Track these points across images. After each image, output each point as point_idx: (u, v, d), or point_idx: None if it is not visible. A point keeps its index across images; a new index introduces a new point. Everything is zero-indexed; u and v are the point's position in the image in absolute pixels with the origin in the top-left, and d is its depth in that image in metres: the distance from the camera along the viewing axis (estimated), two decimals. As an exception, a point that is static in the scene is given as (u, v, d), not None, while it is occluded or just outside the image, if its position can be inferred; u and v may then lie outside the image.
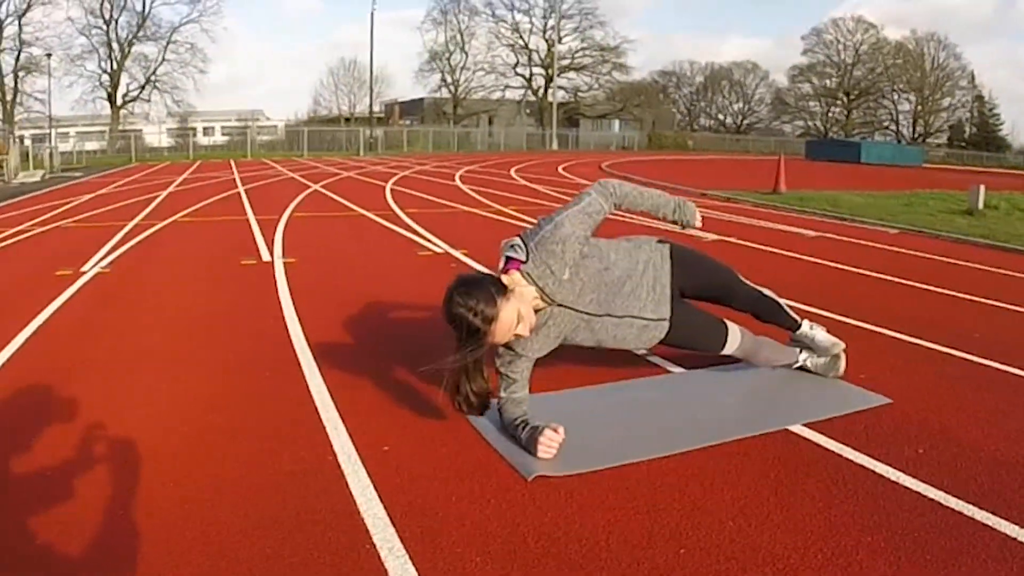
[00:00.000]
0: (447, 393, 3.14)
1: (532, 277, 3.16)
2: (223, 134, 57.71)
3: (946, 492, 2.79)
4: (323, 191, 17.53)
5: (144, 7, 57.84)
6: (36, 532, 2.54)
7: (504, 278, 3.10)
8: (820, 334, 3.95)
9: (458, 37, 66.77)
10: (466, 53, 66.92)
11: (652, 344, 3.62)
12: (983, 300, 6.08)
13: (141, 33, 57.98)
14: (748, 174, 21.82)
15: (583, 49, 67.40)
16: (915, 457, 3.10)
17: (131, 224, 11.62)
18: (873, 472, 2.98)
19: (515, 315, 3.06)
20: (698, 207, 3.59)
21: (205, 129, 59.04)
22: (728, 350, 3.75)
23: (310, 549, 2.44)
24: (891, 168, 30.58)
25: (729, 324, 3.74)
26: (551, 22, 64.86)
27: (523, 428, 3.20)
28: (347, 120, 60.83)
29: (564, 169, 26.68)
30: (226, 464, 3.07)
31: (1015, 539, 2.48)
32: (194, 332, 5.21)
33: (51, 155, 33.47)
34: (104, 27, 56.56)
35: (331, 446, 3.25)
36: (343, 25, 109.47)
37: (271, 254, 8.49)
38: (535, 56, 67.44)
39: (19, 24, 52.65)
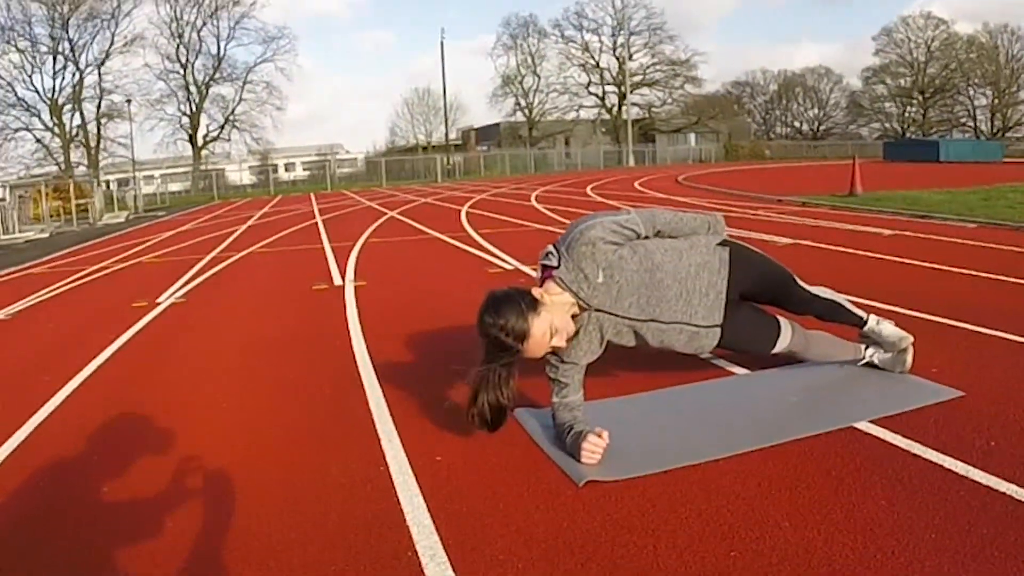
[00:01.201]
0: (465, 405, 3.09)
1: (565, 283, 3.10)
2: (304, 169, 59.01)
3: (1019, 485, 2.63)
4: (399, 217, 17.69)
5: (219, 50, 59.72)
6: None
7: (535, 291, 3.05)
8: (887, 328, 3.79)
9: (529, 60, 67.30)
10: (538, 76, 67.37)
11: (706, 351, 3.50)
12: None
13: (217, 75, 59.84)
14: (825, 179, 21.32)
15: (654, 64, 67.15)
16: (987, 450, 2.93)
17: (208, 257, 11.96)
18: (941, 467, 2.82)
19: (548, 328, 3.00)
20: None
21: (287, 165, 60.48)
22: (780, 348, 3.63)
23: (352, 556, 2.44)
24: (971, 165, 29.61)
25: (781, 320, 3.63)
26: (620, 39, 64.89)
27: (569, 433, 3.14)
28: (424, 149, 61.47)
29: (640, 184, 26.49)
30: (276, 474, 3.13)
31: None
32: (260, 352, 5.35)
33: (135, 197, 34.53)
34: (181, 71, 58.55)
35: (384, 457, 3.25)
36: (417, 56, 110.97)
37: (343, 278, 8.60)
38: (607, 74, 67.50)
39: (99, 73, 54.88)
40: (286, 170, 60.18)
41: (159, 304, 7.64)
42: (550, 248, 3.20)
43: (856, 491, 2.69)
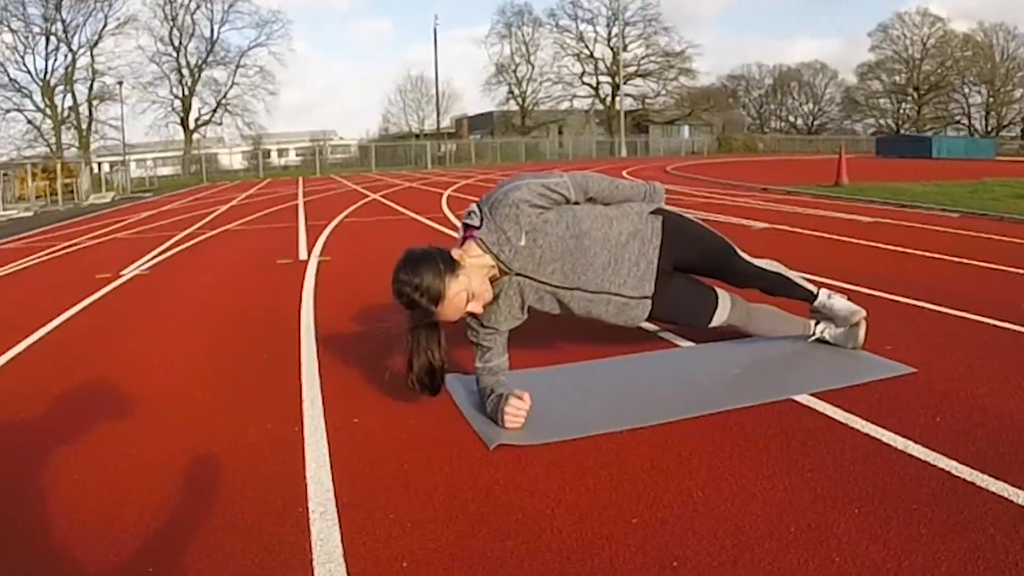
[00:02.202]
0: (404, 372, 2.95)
1: (487, 244, 2.93)
2: (297, 155, 58.75)
3: (959, 462, 2.46)
4: (381, 199, 17.56)
5: (212, 33, 59.44)
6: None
7: (454, 252, 2.88)
8: (839, 302, 3.63)
9: (523, 49, 66.91)
10: (532, 65, 67.01)
11: (636, 323, 3.32)
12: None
13: (210, 58, 59.62)
14: (814, 171, 21.19)
15: (648, 55, 66.84)
16: (931, 425, 2.77)
17: (183, 234, 11.88)
18: (879, 441, 2.66)
19: (464, 292, 2.83)
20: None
21: (280, 151, 60.21)
22: (719, 321, 3.47)
23: (241, 513, 2.36)
24: (963, 161, 29.45)
25: (719, 292, 3.46)
26: (615, 30, 64.51)
27: (491, 396, 2.99)
28: (416, 136, 61.25)
29: (628, 173, 26.28)
30: (195, 436, 3.06)
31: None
32: (208, 322, 5.31)
33: (123, 178, 34.37)
34: (174, 54, 58.27)
35: (302, 420, 3.16)
36: (414, 45, 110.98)
37: (309, 254, 8.49)
38: (601, 64, 67.14)
39: (91, 55, 54.60)
40: (279, 155, 60.01)
41: (122, 276, 7.60)
42: (473, 207, 3.03)
43: (781, 463, 2.54)
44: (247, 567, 2.06)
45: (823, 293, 3.64)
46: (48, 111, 53.22)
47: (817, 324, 3.73)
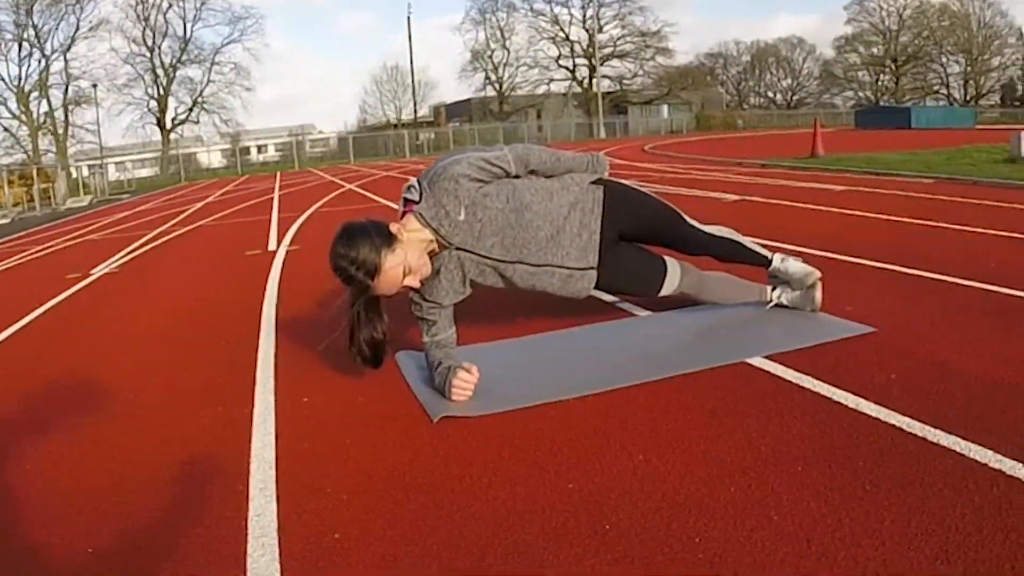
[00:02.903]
0: (346, 346, 2.95)
1: (426, 218, 2.90)
2: (276, 150, 58.33)
3: (911, 417, 2.41)
4: (357, 189, 17.53)
5: (185, 31, 58.87)
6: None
7: (392, 226, 2.84)
8: (793, 265, 3.58)
9: (498, 34, 66.58)
10: (507, 50, 66.61)
11: (582, 295, 3.27)
12: (1016, 235, 5.51)
13: (185, 57, 59.01)
14: (792, 144, 21.08)
15: (624, 36, 66.55)
16: (885, 383, 2.73)
17: (155, 232, 11.84)
18: (830, 400, 2.62)
19: (401, 266, 2.80)
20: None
21: (259, 147, 59.82)
22: (669, 290, 3.42)
23: (184, 492, 2.38)
24: (942, 131, 29.47)
25: (668, 260, 3.42)
26: (590, 12, 64.24)
27: (438, 370, 2.96)
28: (395, 126, 60.97)
29: (605, 154, 26.23)
30: (149, 421, 3.08)
31: (983, 464, 2.09)
32: (172, 315, 5.28)
33: (100, 181, 34.19)
34: (147, 54, 57.65)
35: (254, 402, 3.15)
36: (394, 36, 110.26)
37: (279, 244, 8.46)
38: (577, 47, 66.71)
39: (65, 59, 53.97)
40: (259, 152, 59.65)
41: (91, 275, 7.58)
42: (412, 182, 3.00)
43: (727, 425, 2.50)
44: (184, 542, 2.04)
45: (777, 257, 3.59)
46: (24, 117, 52.71)
47: (774, 289, 3.68)
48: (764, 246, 3.68)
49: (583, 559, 1.80)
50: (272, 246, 8.38)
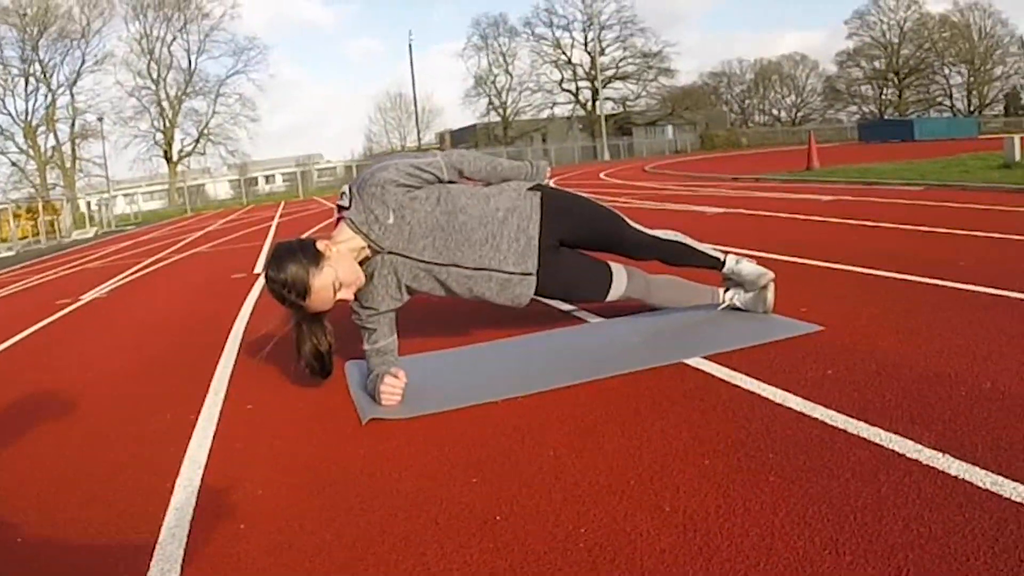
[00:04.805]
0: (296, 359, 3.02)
1: (356, 224, 2.92)
2: (284, 180, 58.67)
3: (836, 410, 2.40)
4: (355, 215, 17.47)
5: (190, 64, 59.35)
6: None
7: (319, 244, 2.86)
8: (747, 267, 3.56)
9: (500, 60, 66.87)
10: (510, 75, 66.90)
11: (522, 301, 3.24)
12: (994, 235, 5.48)
13: (190, 89, 59.42)
14: (790, 160, 21.14)
15: (626, 57, 66.74)
16: (819, 379, 2.71)
17: (152, 259, 11.99)
18: (757, 396, 2.61)
19: (331, 283, 2.81)
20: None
21: (267, 177, 60.17)
22: (616, 295, 3.40)
23: (115, 490, 2.45)
24: (945, 141, 29.42)
25: (613, 266, 3.40)
26: (591, 35, 64.41)
27: (370, 376, 3.02)
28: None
29: (606, 174, 26.33)
30: (102, 427, 3.18)
31: (901, 454, 2.07)
32: (147, 333, 5.45)
33: (106, 212, 34.43)
34: (153, 87, 58.09)
35: (200, 409, 3.22)
36: (402, 64, 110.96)
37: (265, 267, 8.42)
38: (580, 70, 66.97)
39: (71, 93, 54.60)
40: (266, 182, 60.05)
41: (81, 300, 7.72)
42: (345, 189, 3.02)
43: (646, 421, 2.50)
44: (104, 534, 2.13)
45: (731, 259, 3.58)
46: (31, 152, 53.17)
47: (726, 291, 3.67)
48: (734, 254, 3.68)
49: (465, 548, 1.82)
50: (258, 269, 8.45)
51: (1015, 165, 11.53)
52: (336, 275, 2.82)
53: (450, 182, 3.11)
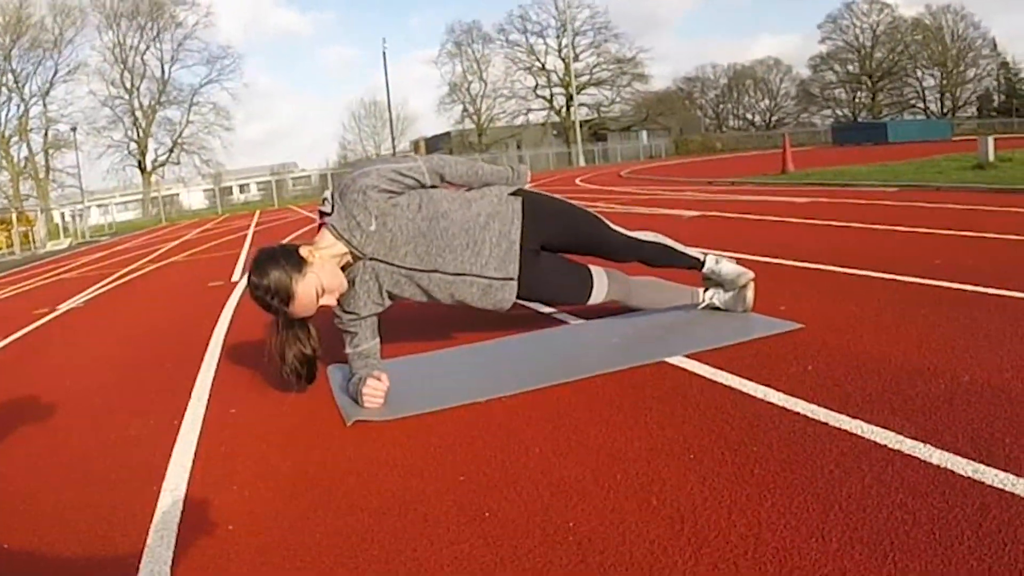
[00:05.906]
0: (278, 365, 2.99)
1: (338, 230, 2.92)
2: (259, 189, 58.35)
3: (818, 405, 2.43)
4: (331, 223, 17.43)
5: (164, 73, 58.94)
6: None
7: (302, 250, 2.86)
8: (727, 266, 3.59)
9: (474, 66, 66.87)
10: (484, 81, 66.86)
11: (504, 306, 3.25)
12: (969, 234, 5.56)
13: (163, 98, 59.04)
14: (765, 163, 21.24)
15: (600, 63, 66.90)
16: (799, 375, 2.74)
17: (127, 269, 11.88)
18: (739, 392, 2.63)
19: (314, 290, 2.82)
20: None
21: (242, 186, 59.84)
22: (598, 298, 3.42)
23: (101, 494, 2.45)
24: (919, 144, 29.71)
25: (593, 268, 3.42)
26: (565, 41, 64.52)
27: (353, 379, 3.02)
28: (374, 161, 60.85)
29: (582, 180, 26.37)
30: (84, 433, 3.19)
31: (882, 445, 2.10)
32: (125, 341, 5.43)
33: (80, 223, 34.17)
34: (126, 96, 57.63)
35: (184, 415, 3.22)
36: (376, 71, 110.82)
37: (242, 275, 8.42)
38: (553, 76, 66.96)
39: (44, 103, 54.05)
40: (241, 191, 59.72)
41: (58, 310, 7.66)
42: (326, 194, 3.02)
43: (630, 418, 2.52)
44: (91, 537, 2.13)
45: (710, 259, 3.60)
46: (4, 163, 52.65)
47: (706, 291, 3.70)
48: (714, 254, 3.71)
49: (456, 543, 1.83)
50: (236, 277, 8.44)
51: (988, 166, 11.67)
52: (319, 281, 2.82)
53: (432, 187, 3.11)
